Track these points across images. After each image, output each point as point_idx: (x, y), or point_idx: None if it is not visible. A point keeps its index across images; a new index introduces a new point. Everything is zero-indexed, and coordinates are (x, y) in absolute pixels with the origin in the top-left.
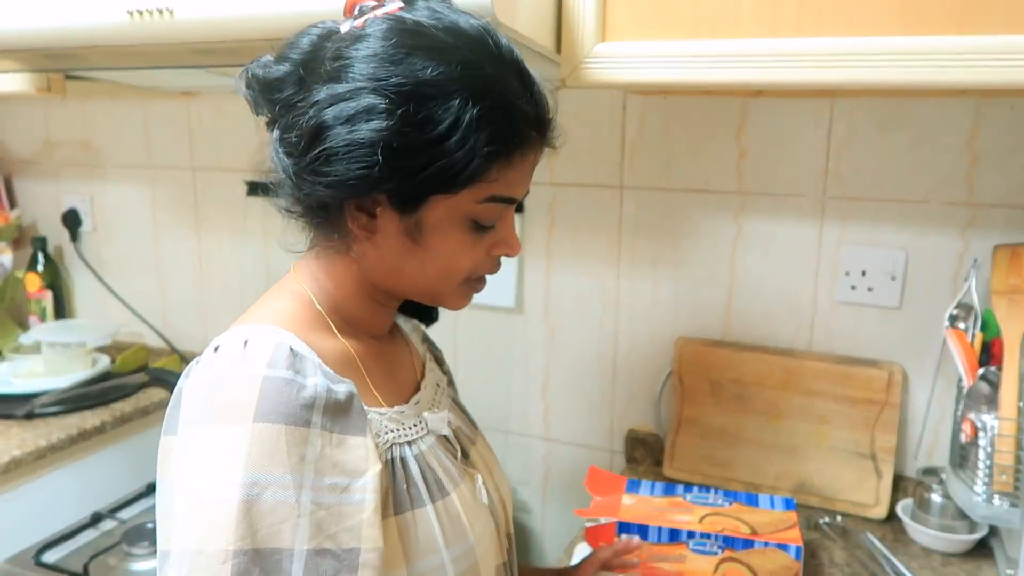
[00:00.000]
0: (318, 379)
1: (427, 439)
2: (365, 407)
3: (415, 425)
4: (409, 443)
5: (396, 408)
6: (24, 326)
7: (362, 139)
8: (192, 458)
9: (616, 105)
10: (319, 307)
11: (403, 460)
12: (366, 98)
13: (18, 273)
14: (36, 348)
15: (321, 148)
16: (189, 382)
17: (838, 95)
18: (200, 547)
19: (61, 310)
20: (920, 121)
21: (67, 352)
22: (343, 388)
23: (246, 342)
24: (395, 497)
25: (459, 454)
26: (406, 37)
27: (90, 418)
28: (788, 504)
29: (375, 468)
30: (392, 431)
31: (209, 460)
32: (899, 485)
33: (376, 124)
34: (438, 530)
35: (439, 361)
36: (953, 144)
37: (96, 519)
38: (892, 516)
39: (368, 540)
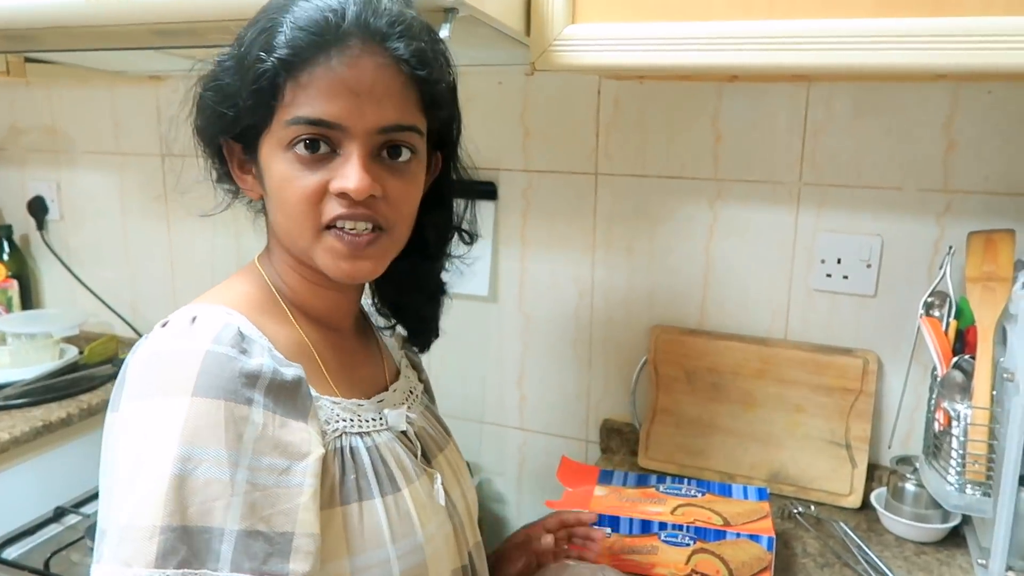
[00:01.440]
0: (264, 359)
1: (384, 434)
2: (316, 393)
3: (373, 419)
4: (362, 434)
5: (353, 400)
6: None
7: (201, 90)
8: (131, 431)
9: (591, 90)
10: (275, 293)
11: (353, 450)
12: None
13: None
14: (1, 339)
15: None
16: (134, 357)
17: (814, 80)
18: (130, 521)
19: (28, 300)
20: (897, 106)
21: (33, 343)
22: (291, 371)
23: (194, 318)
24: (342, 487)
25: (419, 453)
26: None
27: (56, 410)
28: (761, 494)
29: (317, 452)
30: (344, 420)
31: (146, 433)
32: (873, 474)
33: (208, 75)
34: (385, 524)
35: (416, 368)
36: (930, 130)
37: (59, 514)
38: (866, 505)
39: (303, 524)
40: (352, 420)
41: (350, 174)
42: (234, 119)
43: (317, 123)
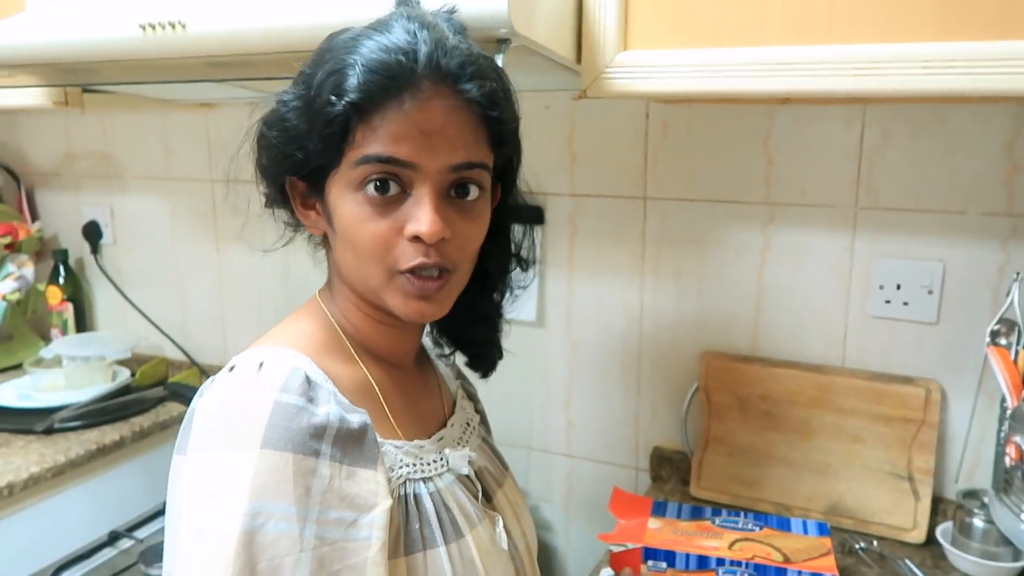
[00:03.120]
0: (331, 407)
1: (445, 477)
2: (380, 439)
3: (434, 461)
4: (425, 480)
5: (415, 442)
6: (46, 339)
7: (262, 127)
8: (198, 483)
9: (639, 114)
10: (339, 331)
11: (417, 497)
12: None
13: (40, 286)
14: (57, 361)
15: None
16: (202, 402)
17: (870, 102)
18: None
19: (82, 323)
20: (957, 128)
21: (87, 366)
22: (357, 418)
23: (261, 364)
24: (406, 536)
25: (480, 495)
26: (330, 35)
27: (109, 433)
28: (822, 529)
29: (385, 504)
30: (408, 466)
31: (214, 486)
32: (938, 508)
33: (272, 110)
34: (450, 573)
35: (472, 399)
36: (992, 151)
37: (113, 538)
38: (931, 540)
39: None
40: (415, 465)
41: (423, 217)
42: (302, 160)
43: (388, 161)
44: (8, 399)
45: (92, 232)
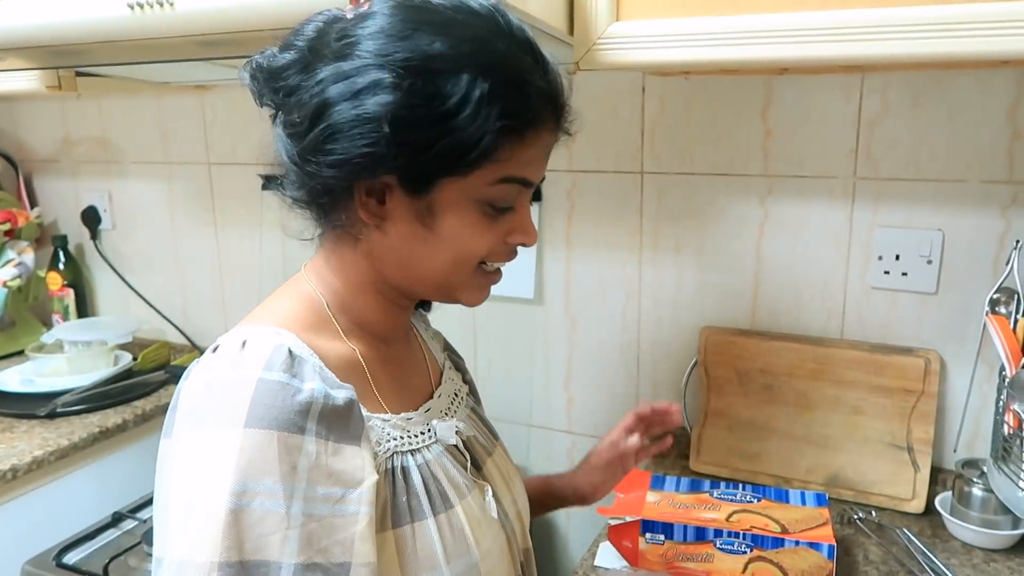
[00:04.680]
0: (316, 384)
1: (434, 448)
2: (367, 413)
3: (422, 433)
4: (412, 452)
5: (402, 415)
6: (48, 325)
7: (367, 114)
8: (184, 463)
9: (635, 87)
10: (326, 308)
11: (404, 470)
12: (372, 73)
13: (40, 272)
14: (59, 347)
15: (325, 125)
16: (187, 384)
17: (868, 70)
18: (188, 557)
19: (83, 308)
20: (957, 95)
21: (89, 350)
22: (342, 394)
23: (244, 343)
24: (394, 509)
25: (468, 464)
26: (413, 13)
27: (112, 416)
28: (820, 500)
29: (371, 479)
30: (395, 439)
31: (200, 466)
32: (937, 478)
33: (382, 98)
34: (439, 544)
35: (460, 370)
36: (993, 118)
37: (117, 519)
38: (930, 510)
39: (360, 555)
40: (402, 438)
41: (530, 230)
42: (414, 162)
43: (527, 184)
44: (11, 384)
45: (91, 217)
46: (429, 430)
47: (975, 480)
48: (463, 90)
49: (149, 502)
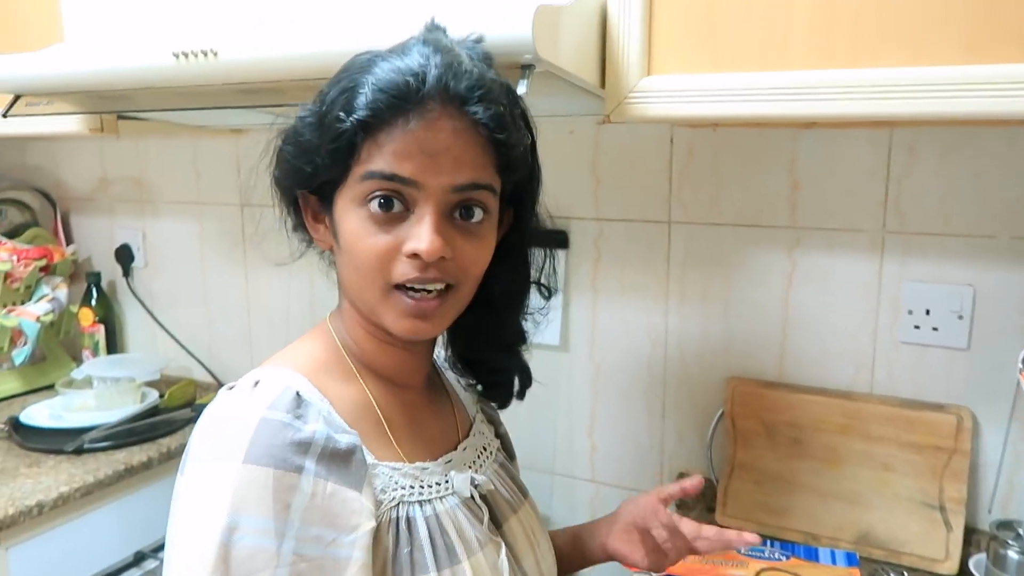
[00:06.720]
0: (319, 426)
1: (448, 500)
2: (376, 460)
3: (438, 484)
4: (422, 503)
5: (416, 464)
6: (78, 360)
7: (287, 137)
8: (185, 496)
9: (663, 137)
10: (343, 351)
11: (410, 520)
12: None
13: (73, 308)
14: (88, 382)
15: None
16: (200, 420)
17: (897, 124)
18: None
19: (112, 344)
20: (986, 150)
21: (117, 387)
22: (345, 439)
23: (256, 383)
24: (395, 561)
25: (486, 519)
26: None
27: (137, 454)
28: (851, 559)
29: (369, 525)
30: (403, 488)
31: (196, 499)
32: (971, 539)
33: (295, 123)
34: None
35: (493, 423)
36: (1022, 173)
37: (139, 558)
38: (964, 572)
39: None
40: (412, 488)
41: (423, 235)
42: (311, 174)
43: (391, 178)
44: (40, 419)
45: (124, 255)
46: (447, 481)
47: (1010, 542)
48: (327, 103)
49: None
